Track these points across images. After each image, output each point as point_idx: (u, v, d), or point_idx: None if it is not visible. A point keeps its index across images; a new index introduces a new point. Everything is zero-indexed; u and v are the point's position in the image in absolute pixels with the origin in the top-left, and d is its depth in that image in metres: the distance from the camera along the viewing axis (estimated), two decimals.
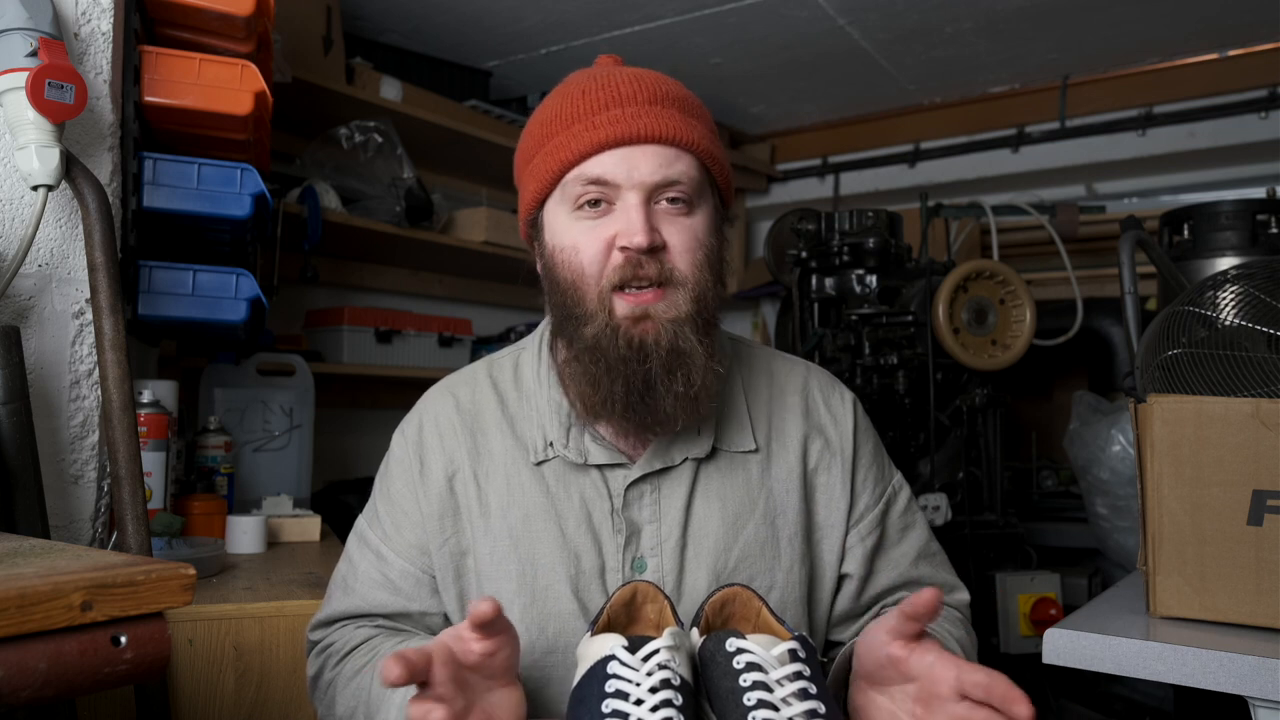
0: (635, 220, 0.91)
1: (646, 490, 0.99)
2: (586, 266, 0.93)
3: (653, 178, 0.92)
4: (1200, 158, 3.04)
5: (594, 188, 0.92)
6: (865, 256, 2.32)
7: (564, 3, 2.60)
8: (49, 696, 0.60)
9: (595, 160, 0.92)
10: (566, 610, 0.96)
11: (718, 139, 1.00)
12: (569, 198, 0.94)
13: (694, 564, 0.98)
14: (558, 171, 0.94)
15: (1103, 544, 2.27)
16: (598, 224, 0.93)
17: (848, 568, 1.05)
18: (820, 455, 1.05)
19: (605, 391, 0.93)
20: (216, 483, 1.83)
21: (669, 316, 0.92)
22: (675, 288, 0.93)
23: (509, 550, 0.98)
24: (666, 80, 0.98)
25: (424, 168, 2.87)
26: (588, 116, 0.93)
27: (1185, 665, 1.03)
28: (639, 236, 0.90)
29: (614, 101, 0.93)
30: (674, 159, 0.93)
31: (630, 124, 0.92)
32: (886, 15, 2.67)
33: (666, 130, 0.92)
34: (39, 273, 1.29)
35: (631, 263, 0.91)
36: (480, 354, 2.87)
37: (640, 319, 0.92)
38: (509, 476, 1.00)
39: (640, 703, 0.70)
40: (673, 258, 0.93)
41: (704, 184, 0.96)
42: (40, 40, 1.19)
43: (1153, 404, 1.14)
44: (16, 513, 1.13)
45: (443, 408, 1.05)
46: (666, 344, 0.92)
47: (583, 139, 0.92)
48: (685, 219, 0.94)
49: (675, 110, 0.95)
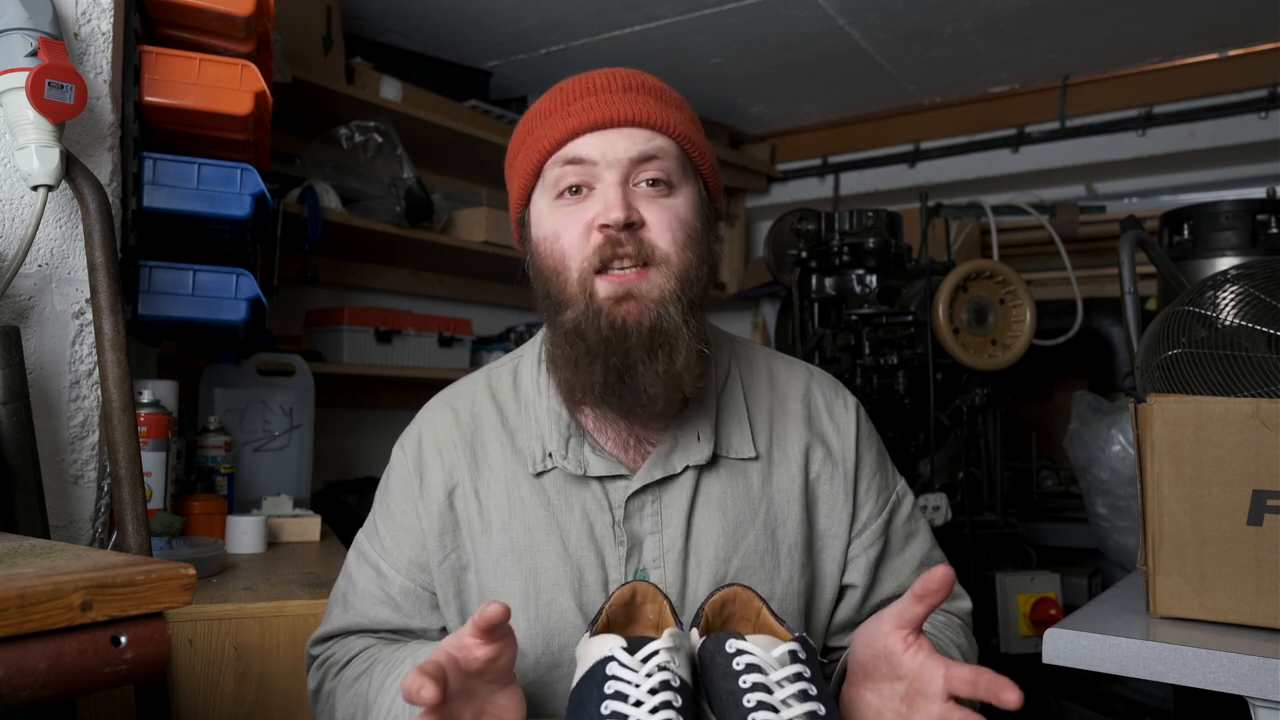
0: (612, 197, 0.91)
1: (648, 501, 0.98)
2: (568, 250, 0.93)
3: (628, 154, 0.92)
4: (1200, 158, 3.04)
5: (571, 169, 0.93)
6: (865, 256, 2.32)
7: (564, 3, 2.60)
8: (49, 696, 0.60)
9: (572, 144, 0.94)
10: (571, 624, 0.95)
11: (698, 126, 1.00)
12: (549, 185, 0.95)
13: (695, 574, 0.97)
14: (538, 160, 0.96)
15: (1103, 544, 2.27)
16: (578, 208, 0.94)
17: (851, 578, 1.05)
18: (822, 464, 1.04)
19: (584, 373, 0.92)
20: (216, 483, 1.83)
21: (652, 296, 0.92)
22: (657, 266, 0.92)
23: (511, 564, 0.97)
24: (644, 75, 0.99)
25: (424, 168, 2.87)
26: (563, 106, 0.96)
27: (1185, 665, 1.03)
28: (615, 211, 0.90)
29: (589, 91, 0.96)
30: (649, 138, 0.94)
31: (605, 109, 0.93)
32: (886, 15, 2.67)
33: (641, 113, 0.94)
34: (39, 273, 1.29)
35: (611, 241, 0.91)
36: (480, 354, 2.89)
37: (622, 299, 0.91)
38: (509, 490, 0.99)
39: (639, 704, 0.70)
40: (652, 235, 0.92)
41: (684, 167, 0.96)
42: (40, 40, 1.19)
43: (1153, 404, 1.14)
44: (16, 513, 1.13)
45: (442, 421, 1.05)
46: (649, 324, 0.91)
47: (559, 126, 0.94)
48: (665, 199, 0.94)
49: (650, 97, 0.96)
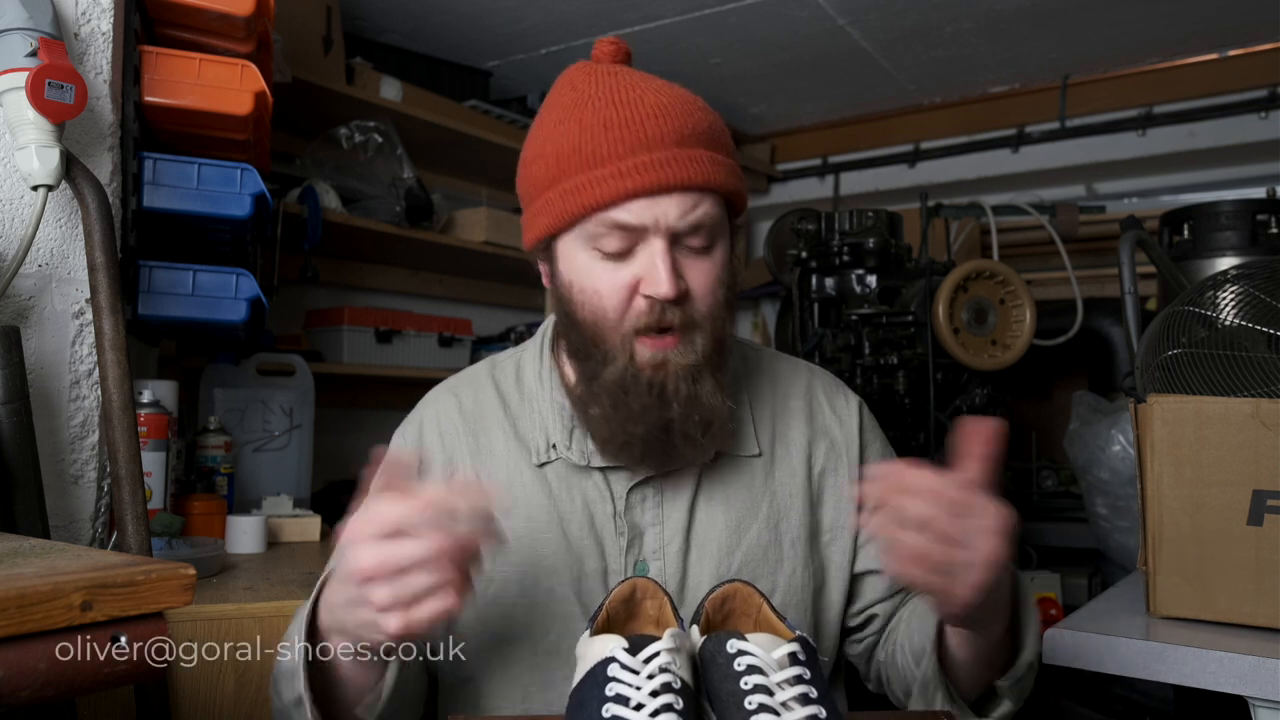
0: (661, 270, 0.89)
1: (649, 493, 0.99)
2: (610, 312, 0.92)
3: (679, 223, 0.90)
4: (1200, 158, 3.04)
5: (619, 233, 0.91)
6: (865, 256, 2.32)
7: (564, 3, 2.60)
8: (49, 696, 0.60)
9: (622, 209, 0.89)
10: (569, 612, 0.96)
11: (737, 162, 0.98)
12: (589, 237, 0.92)
13: (697, 567, 0.98)
14: (578, 212, 0.91)
15: (1103, 544, 2.26)
16: (620, 268, 0.92)
17: (870, 564, 1.05)
18: (826, 458, 1.05)
19: (626, 435, 0.93)
20: (216, 483, 1.82)
21: (686, 362, 0.92)
22: (694, 330, 0.93)
23: (511, 551, 0.97)
24: (691, 109, 0.93)
25: (424, 168, 2.87)
26: (613, 161, 0.89)
27: (1185, 665, 1.03)
28: (665, 287, 0.89)
29: (641, 145, 0.89)
30: (699, 201, 0.91)
31: (660, 172, 0.89)
32: (886, 15, 2.66)
33: (696, 176, 0.90)
34: (39, 273, 1.29)
35: (655, 311, 0.91)
36: (480, 354, 2.88)
37: (660, 365, 0.92)
38: (511, 478, 1.00)
39: (640, 707, 0.70)
40: (694, 303, 0.93)
41: (724, 219, 0.95)
42: (40, 40, 1.19)
43: (1153, 404, 1.14)
44: (16, 513, 1.13)
45: (445, 407, 1.05)
46: (686, 391, 0.92)
47: (608, 186, 0.89)
48: (705, 259, 0.93)
49: (702, 149, 0.92)
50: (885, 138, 3.54)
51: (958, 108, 3.38)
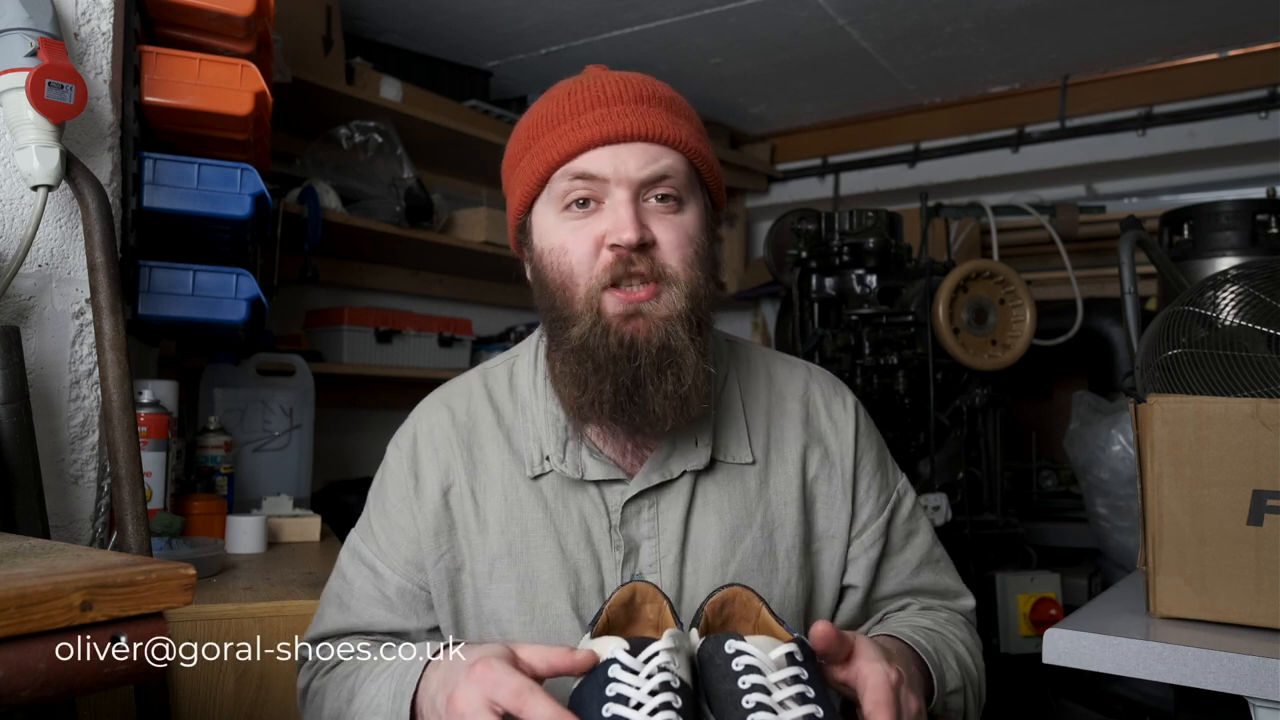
0: (624, 216, 0.90)
1: (644, 506, 0.98)
2: (575, 266, 0.92)
3: (640, 173, 0.92)
4: (1200, 158, 3.04)
5: (581, 183, 0.92)
6: (865, 256, 2.32)
7: (564, 3, 2.60)
8: (49, 696, 0.60)
9: (582, 158, 0.92)
10: (567, 628, 0.95)
11: (706, 139, 0.99)
12: (556, 197, 0.94)
13: (692, 579, 0.97)
14: (545, 171, 0.94)
15: (1103, 544, 2.27)
16: (586, 223, 0.93)
17: (852, 579, 1.04)
18: (820, 465, 1.04)
19: (593, 392, 0.92)
20: (216, 483, 1.83)
21: (661, 314, 0.91)
22: (668, 285, 0.92)
23: (508, 566, 0.97)
24: (653, 82, 0.98)
25: (424, 168, 2.87)
26: (573, 116, 0.93)
27: (1185, 665, 1.03)
28: (628, 232, 0.89)
29: (599, 101, 0.94)
30: (661, 155, 0.93)
31: (617, 122, 0.92)
32: (886, 15, 2.67)
33: (653, 128, 0.92)
34: (39, 273, 1.29)
35: (622, 260, 0.91)
36: (480, 354, 2.89)
37: (631, 317, 0.91)
38: (506, 491, 0.99)
39: (640, 706, 0.70)
40: (663, 255, 0.92)
41: (693, 182, 0.96)
42: (40, 40, 1.19)
43: (1153, 404, 1.14)
44: (16, 513, 1.13)
45: (438, 420, 1.04)
46: (658, 342, 0.91)
47: (569, 138, 0.92)
48: (675, 216, 0.94)
49: (662, 109, 0.95)
50: (885, 138, 3.54)
51: (958, 108, 3.38)
